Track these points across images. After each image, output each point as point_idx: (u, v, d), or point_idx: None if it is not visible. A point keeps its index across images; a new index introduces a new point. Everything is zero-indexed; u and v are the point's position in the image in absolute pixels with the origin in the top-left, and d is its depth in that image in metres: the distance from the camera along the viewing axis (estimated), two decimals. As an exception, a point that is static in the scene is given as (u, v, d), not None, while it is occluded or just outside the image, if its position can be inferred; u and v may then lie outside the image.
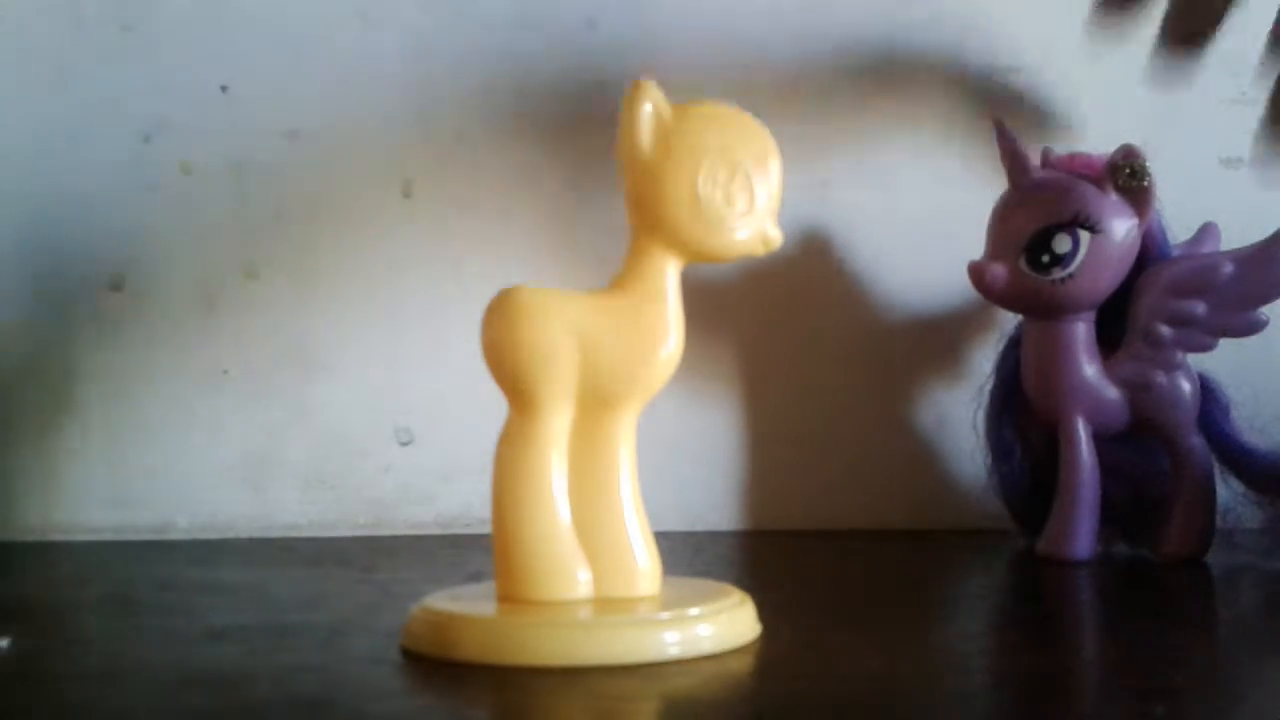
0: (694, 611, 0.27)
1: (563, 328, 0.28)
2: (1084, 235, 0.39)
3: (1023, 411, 0.43)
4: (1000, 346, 0.45)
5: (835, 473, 0.51)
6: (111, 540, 0.48)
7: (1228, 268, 0.39)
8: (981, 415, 0.45)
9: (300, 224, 0.50)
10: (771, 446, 0.51)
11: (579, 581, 0.28)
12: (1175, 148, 0.48)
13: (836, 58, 0.51)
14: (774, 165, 0.29)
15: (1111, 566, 0.40)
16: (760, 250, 0.29)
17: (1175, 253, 0.42)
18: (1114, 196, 0.40)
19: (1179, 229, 0.43)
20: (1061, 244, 0.40)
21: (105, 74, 0.49)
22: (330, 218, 0.50)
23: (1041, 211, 0.40)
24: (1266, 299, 0.40)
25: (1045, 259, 0.40)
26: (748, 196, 0.29)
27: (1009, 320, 0.45)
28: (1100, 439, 0.41)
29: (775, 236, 0.29)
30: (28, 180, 0.49)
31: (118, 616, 0.34)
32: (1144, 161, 0.39)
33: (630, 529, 0.29)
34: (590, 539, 0.29)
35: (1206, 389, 0.41)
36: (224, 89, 0.50)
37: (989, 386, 0.45)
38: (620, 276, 0.29)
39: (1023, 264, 0.40)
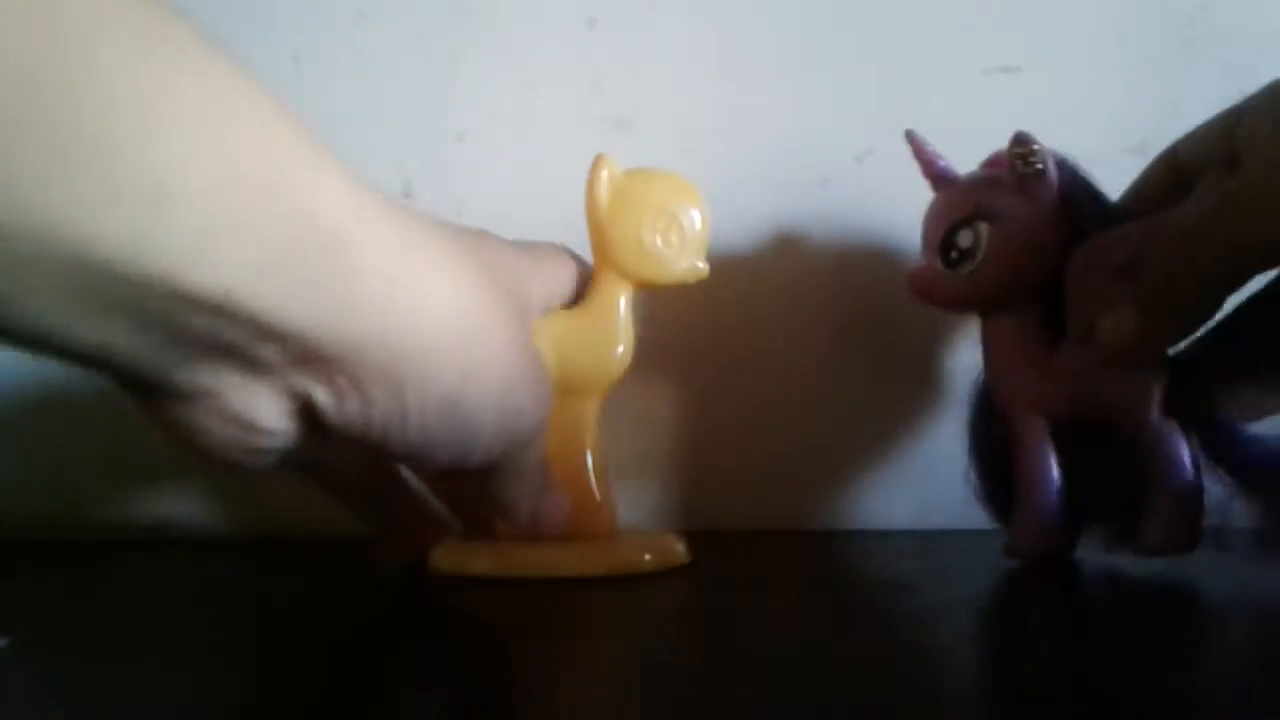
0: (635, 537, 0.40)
1: (542, 342, 0.35)
2: (983, 228, 0.39)
3: (994, 412, 0.42)
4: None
5: (836, 473, 0.51)
6: (112, 540, 0.49)
7: (1139, 239, 0.37)
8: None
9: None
10: (771, 447, 0.50)
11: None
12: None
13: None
14: (699, 214, 0.38)
15: (1108, 567, 0.40)
16: (691, 279, 0.38)
17: None
18: (1012, 186, 0.39)
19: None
20: (964, 239, 0.39)
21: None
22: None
23: (946, 210, 0.40)
24: None
25: (954, 255, 0.40)
26: (679, 239, 0.38)
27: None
28: (1077, 437, 0.39)
29: (703, 269, 0.38)
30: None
31: (118, 617, 0.35)
32: (1035, 147, 0.38)
33: (592, 482, 0.38)
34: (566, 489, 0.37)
35: (1181, 372, 0.37)
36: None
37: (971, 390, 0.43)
38: (585, 299, 0.38)
39: (939, 264, 0.40)
